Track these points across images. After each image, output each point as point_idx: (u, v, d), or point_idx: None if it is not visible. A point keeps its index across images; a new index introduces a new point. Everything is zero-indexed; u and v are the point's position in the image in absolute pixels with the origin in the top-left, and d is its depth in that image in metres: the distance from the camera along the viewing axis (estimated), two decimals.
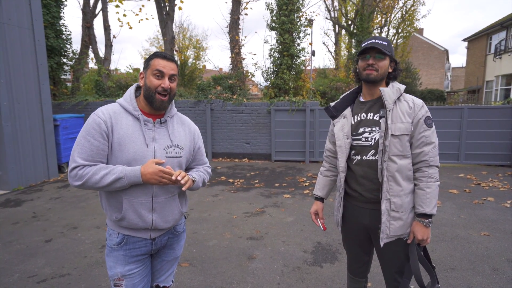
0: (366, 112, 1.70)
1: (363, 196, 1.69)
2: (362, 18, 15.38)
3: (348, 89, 13.29)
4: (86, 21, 10.11)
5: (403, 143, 1.58)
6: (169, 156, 1.49)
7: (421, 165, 1.60)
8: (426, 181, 1.58)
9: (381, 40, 1.63)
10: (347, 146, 1.71)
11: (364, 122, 1.68)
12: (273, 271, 2.94)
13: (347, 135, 1.71)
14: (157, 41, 26.42)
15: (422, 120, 1.59)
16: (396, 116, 1.59)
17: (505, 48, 18.08)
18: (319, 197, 1.98)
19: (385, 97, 1.59)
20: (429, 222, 1.57)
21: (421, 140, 1.59)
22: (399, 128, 1.57)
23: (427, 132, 1.59)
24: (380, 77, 1.64)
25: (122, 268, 1.49)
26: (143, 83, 1.47)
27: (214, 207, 4.72)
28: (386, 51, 1.61)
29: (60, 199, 5.17)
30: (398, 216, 1.60)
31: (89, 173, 1.34)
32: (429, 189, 1.57)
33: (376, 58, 1.63)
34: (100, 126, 1.38)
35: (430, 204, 1.56)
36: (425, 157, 1.59)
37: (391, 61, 1.68)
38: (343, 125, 1.74)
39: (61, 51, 9.01)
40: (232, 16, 9.26)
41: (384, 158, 1.57)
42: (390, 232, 1.61)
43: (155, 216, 1.48)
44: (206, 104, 8.37)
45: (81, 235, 3.74)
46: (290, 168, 7.40)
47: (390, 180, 1.58)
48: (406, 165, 1.60)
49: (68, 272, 2.94)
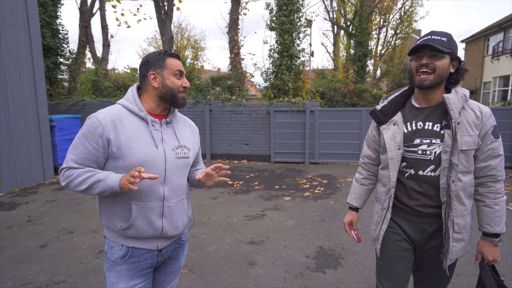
0: (424, 120, 1.47)
1: (417, 211, 1.50)
2: (361, 19, 15.37)
3: (347, 90, 13.26)
4: (84, 20, 10.01)
5: (469, 158, 1.41)
6: (179, 157, 1.43)
7: (486, 180, 1.44)
8: (493, 197, 1.43)
9: (439, 35, 1.40)
10: (399, 158, 1.50)
11: (421, 132, 1.46)
12: (275, 277, 2.86)
13: (399, 145, 1.49)
14: (155, 41, 26.35)
15: (490, 132, 1.41)
16: (462, 128, 1.38)
17: (503, 50, 18.13)
18: (354, 207, 1.80)
19: (450, 107, 1.37)
20: (498, 241, 1.44)
21: (488, 153, 1.42)
22: (466, 142, 1.37)
23: (494, 143, 1.42)
24: (438, 80, 1.40)
25: (125, 284, 1.39)
26: (158, 84, 1.39)
27: (214, 210, 4.64)
28: (445, 48, 1.36)
29: (56, 202, 5.06)
30: (461, 238, 1.45)
31: (74, 174, 1.32)
32: (498, 206, 1.42)
33: (431, 57, 1.39)
34: (97, 130, 1.30)
35: (500, 223, 1.43)
36: (493, 171, 1.43)
37: (452, 59, 1.41)
38: (395, 134, 1.51)
39: (57, 51, 8.91)
40: (231, 16, 9.19)
41: (452, 177, 1.38)
42: (452, 255, 1.44)
43: (165, 222, 1.40)
44: (205, 105, 8.28)
45: (77, 240, 3.65)
46: (290, 170, 7.33)
47: (454, 200, 1.40)
48: (469, 182, 1.43)
49: (64, 279, 2.85)
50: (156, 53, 1.42)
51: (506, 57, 17.35)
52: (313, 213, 4.49)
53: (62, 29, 9.00)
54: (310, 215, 4.39)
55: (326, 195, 5.34)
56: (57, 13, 8.74)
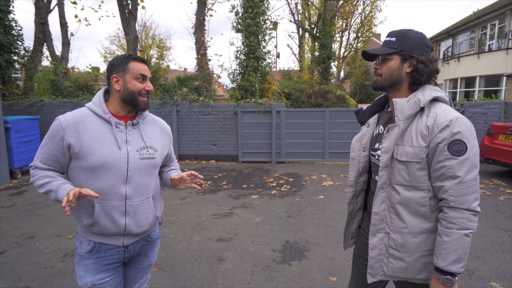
0: (384, 125, 1.40)
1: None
2: (324, 22, 15.94)
3: (312, 91, 13.71)
4: (40, 17, 9.48)
5: (410, 171, 1.24)
6: (143, 158, 1.49)
7: (442, 204, 1.22)
8: (445, 226, 1.19)
9: (390, 35, 1.32)
10: (361, 159, 1.45)
11: (380, 137, 1.38)
12: (243, 271, 2.99)
13: (365, 148, 1.45)
14: (117, 39, 25.46)
15: (443, 145, 1.18)
16: (408, 137, 1.24)
17: (452, 55, 19.65)
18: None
19: (395, 112, 1.27)
20: (447, 280, 1.19)
21: (441, 172, 1.20)
22: (406, 152, 1.24)
23: (450, 161, 1.17)
24: (388, 83, 1.31)
25: (92, 277, 1.45)
26: (120, 87, 1.45)
27: (182, 210, 4.68)
28: (392, 48, 1.28)
29: (13, 207, 4.82)
30: (399, 256, 1.31)
31: (35, 176, 1.42)
32: (446, 238, 1.18)
33: (381, 61, 1.33)
34: (58, 132, 1.39)
35: (446, 258, 1.17)
36: (445, 195, 1.20)
37: (406, 58, 1.28)
38: (363, 135, 1.48)
39: (11, 48, 8.38)
40: (197, 17, 9.19)
41: (382, 185, 1.31)
42: (388, 270, 1.34)
43: (128, 220, 1.45)
44: (172, 106, 8.23)
45: (39, 245, 3.54)
46: (257, 169, 7.50)
47: (391, 212, 1.31)
48: (415, 199, 1.25)
49: (26, 284, 2.77)
50: (121, 56, 1.47)
51: (455, 61, 18.82)
52: (280, 210, 4.67)
53: (16, 25, 8.48)
54: (276, 212, 4.57)
55: (292, 192, 5.57)
56: (9, 8, 8.21)
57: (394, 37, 1.30)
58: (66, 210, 1.21)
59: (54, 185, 1.37)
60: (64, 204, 1.21)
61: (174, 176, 1.55)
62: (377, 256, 1.35)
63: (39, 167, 1.43)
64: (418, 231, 1.27)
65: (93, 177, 1.39)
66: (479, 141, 7.57)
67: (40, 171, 1.43)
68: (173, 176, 1.55)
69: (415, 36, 1.28)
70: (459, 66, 18.47)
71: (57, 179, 1.41)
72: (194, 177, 1.59)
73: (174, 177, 1.55)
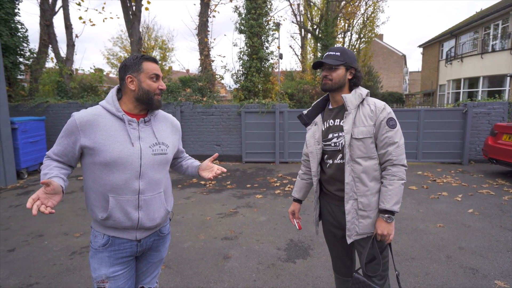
0: (334, 118, 1.79)
1: (336, 196, 1.78)
2: (326, 23, 15.95)
3: (314, 91, 13.73)
4: (45, 19, 9.59)
5: (366, 145, 1.66)
6: (156, 154, 1.53)
7: (386, 164, 1.68)
8: (389, 178, 1.65)
9: (334, 51, 1.74)
10: (318, 151, 1.81)
11: (332, 128, 1.77)
12: (249, 269, 3.02)
13: (318, 141, 1.81)
14: (120, 40, 25.57)
15: (384, 122, 1.66)
16: (359, 120, 1.67)
17: (455, 55, 19.62)
18: (296, 199, 2.06)
19: (346, 103, 1.70)
20: (388, 217, 1.63)
21: (385, 141, 1.66)
22: (362, 131, 1.65)
23: (389, 133, 1.66)
24: (336, 86, 1.73)
25: (106, 270, 1.50)
26: (135, 87, 1.49)
27: (187, 209, 4.72)
28: (338, 61, 1.71)
29: (21, 207, 4.89)
30: (367, 215, 1.68)
31: (44, 165, 1.50)
32: (391, 187, 1.63)
33: (329, 69, 1.73)
34: (73, 127, 1.44)
35: (390, 201, 1.62)
36: (389, 157, 1.66)
37: (348, 68, 1.74)
38: (314, 132, 1.84)
39: (17, 50, 8.48)
40: (200, 18, 9.26)
41: (347, 161, 1.67)
42: (359, 229, 1.69)
43: (141, 213, 1.50)
44: (176, 106, 8.29)
45: (47, 243, 3.59)
46: (261, 169, 7.53)
47: (356, 181, 1.67)
48: (371, 166, 1.68)
49: (36, 281, 2.83)
50: (134, 57, 1.52)
51: (458, 61, 18.79)
52: (284, 209, 4.71)
53: (21, 27, 8.58)
54: (281, 211, 4.61)
55: None
56: (15, 10, 8.32)
57: (338, 52, 1.73)
58: (34, 213, 1.26)
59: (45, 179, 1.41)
60: (33, 212, 1.26)
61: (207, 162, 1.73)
62: (351, 219, 1.70)
63: (50, 157, 1.52)
64: (375, 191, 1.69)
65: (107, 173, 1.44)
66: (483, 141, 7.58)
67: (48, 161, 1.51)
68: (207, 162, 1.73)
69: (351, 53, 1.76)
70: (462, 66, 18.44)
71: (51, 173, 1.43)
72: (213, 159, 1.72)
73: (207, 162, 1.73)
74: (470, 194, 5.28)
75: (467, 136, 7.60)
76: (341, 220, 1.79)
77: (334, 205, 1.83)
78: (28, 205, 1.26)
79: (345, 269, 1.95)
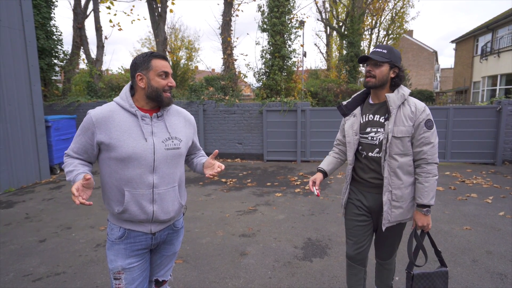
0: (374, 113, 1.89)
1: (370, 183, 1.91)
2: (352, 20, 15.61)
3: (339, 90, 13.48)
4: (77, 22, 10.08)
5: (404, 143, 1.78)
6: (169, 149, 1.57)
7: (421, 162, 1.81)
8: (425, 176, 1.79)
9: (381, 48, 1.80)
10: (356, 142, 1.92)
11: (371, 123, 1.88)
12: (265, 266, 3.03)
13: (356, 132, 1.92)
14: (148, 42, 26.32)
15: (423, 123, 1.77)
16: (399, 120, 1.77)
17: (491, 50, 18.54)
18: (322, 170, 2.10)
19: (390, 103, 1.78)
20: (427, 211, 1.80)
21: (421, 141, 1.78)
22: (401, 131, 1.77)
23: (427, 133, 1.78)
24: (379, 83, 1.81)
25: (122, 261, 1.55)
26: (144, 84, 1.52)
27: (207, 206, 4.80)
28: (384, 58, 1.77)
29: (53, 200, 5.18)
30: (399, 205, 1.84)
31: (65, 163, 1.58)
32: (427, 184, 1.79)
33: (373, 65, 1.80)
34: (89, 124, 1.50)
35: (427, 196, 1.78)
36: (424, 156, 1.79)
37: (392, 67, 1.81)
38: (353, 123, 1.94)
39: (52, 52, 8.98)
40: (224, 18, 9.35)
41: (386, 157, 1.80)
42: (391, 218, 1.85)
43: (156, 207, 1.54)
44: (199, 105, 8.43)
45: (75, 235, 3.79)
46: (282, 168, 7.51)
47: (392, 175, 1.81)
48: (407, 162, 1.81)
49: (64, 270, 2.99)
50: (143, 55, 1.55)
51: (494, 57, 17.75)
52: (303, 207, 4.67)
53: (56, 31, 9.07)
54: (300, 210, 4.58)
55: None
56: (50, 15, 8.81)
57: (385, 50, 1.79)
58: (77, 203, 1.37)
59: (72, 175, 1.49)
60: (75, 202, 1.37)
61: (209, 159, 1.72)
62: (387, 209, 1.84)
63: (71, 156, 1.58)
64: (408, 184, 1.84)
65: (123, 167, 1.49)
66: None
67: (70, 159, 1.57)
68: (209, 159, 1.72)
69: (397, 52, 1.83)
70: (499, 62, 17.40)
71: (77, 169, 1.51)
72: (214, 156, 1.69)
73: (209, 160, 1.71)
74: (502, 196, 4.99)
75: (501, 135, 7.18)
76: (371, 205, 1.93)
77: (366, 192, 1.95)
78: (76, 201, 1.37)
79: (361, 256, 2.03)
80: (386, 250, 2.02)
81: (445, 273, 1.92)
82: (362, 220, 1.98)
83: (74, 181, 1.46)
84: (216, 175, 1.66)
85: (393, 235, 1.97)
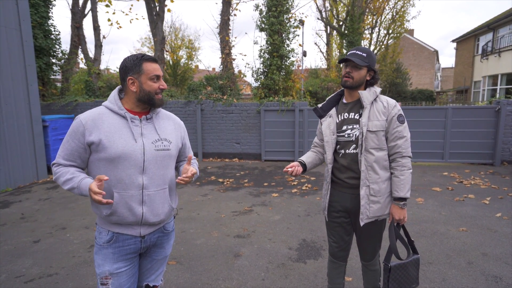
0: (348, 112, 1.96)
1: (346, 183, 1.95)
2: (352, 19, 15.56)
3: (339, 88, 13.47)
4: (75, 21, 10.06)
5: (379, 137, 1.85)
6: (158, 150, 1.56)
7: (396, 156, 1.87)
8: (400, 169, 1.86)
9: (361, 51, 1.88)
10: (333, 141, 1.98)
11: (347, 121, 1.94)
12: (258, 268, 3.02)
13: (333, 132, 1.98)
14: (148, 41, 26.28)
15: (395, 118, 1.85)
16: (373, 115, 1.85)
17: (492, 50, 18.47)
18: (301, 161, 2.11)
19: (363, 99, 1.87)
20: (403, 204, 1.86)
21: (395, 135, 1.85)
22: (375, 125, 1.84)
23: (399, 127, 1.85)
24: (356, 84, 1.89)
25: (110, 266, 1.53)
26: (136, 88, 1.51)
27: (203, 207, 4.79)
28: (364, 62, 1.86)
29: (49, 200, 5.17)
30: (376, 200, 1.87)
31: (58, 173, 1.52)
32: (402, 177, 1.85)
33: (353, 67, 1.87)
34: (79, 129, 1.48)
35: (403, 189, 1.84)
36: (399, 149, 1.86)
37: (369, 70, 1.90)
38: (329, 123, 2.00)
39: (50, 51, 8.96)
40: (222, 17, 9.33)
41: (362, 151, 1.85)
42: (370, 213, 1.87)
43: (145, 209, 1.52)
44: (197, 105, 8.41)
45: (69, 236, 3.77)
46: (280, 168, 7.49)
47: (369, 169, 1.85)
48: (382, 157, 1.87)
49: (56, 271, 2.98)
50: (133, 57, 1.52)
51: (495, 56, 17.69)
52: (299, 208, 4.65)
53: (54, 30, 9.04)
54: (296, 210, 4.56)
55: (313, 191, 5.52)
56: (48, 14, 8.78)
57: (365, 53, 1.88)
58: (104, 202, 1.37)
59: (75, 181, 1.47)
60: (102, 201, 1.37)
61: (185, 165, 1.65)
62: (364, 204, 1.87)
63: (62, 164, 1.53)
64: (385, 179, 1.88)
65: (112, 168, 1.48)
66: None
67: (62, 168, 1.52)
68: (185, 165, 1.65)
69: (374, 56, 1.91)
70: (500, 61, 17.33)
71: (78, 175, 1.50)
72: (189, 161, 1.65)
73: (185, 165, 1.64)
74: (500, 197, 4.96)
75: (500, 135, 7.15)
76: (348, 206, 1.97)
77: (343, 192, 1.99)
78: (103, 200, 1.39)
79: (342, 254, 2.11)
80: (368, 251, 2.04)
81: (417, 260, 1.96)
82: (341, 222, 2.04)
83: (79, 187, 1.45)
84: (188, 181, 1.57)
85: (373, 234, 1.99)
